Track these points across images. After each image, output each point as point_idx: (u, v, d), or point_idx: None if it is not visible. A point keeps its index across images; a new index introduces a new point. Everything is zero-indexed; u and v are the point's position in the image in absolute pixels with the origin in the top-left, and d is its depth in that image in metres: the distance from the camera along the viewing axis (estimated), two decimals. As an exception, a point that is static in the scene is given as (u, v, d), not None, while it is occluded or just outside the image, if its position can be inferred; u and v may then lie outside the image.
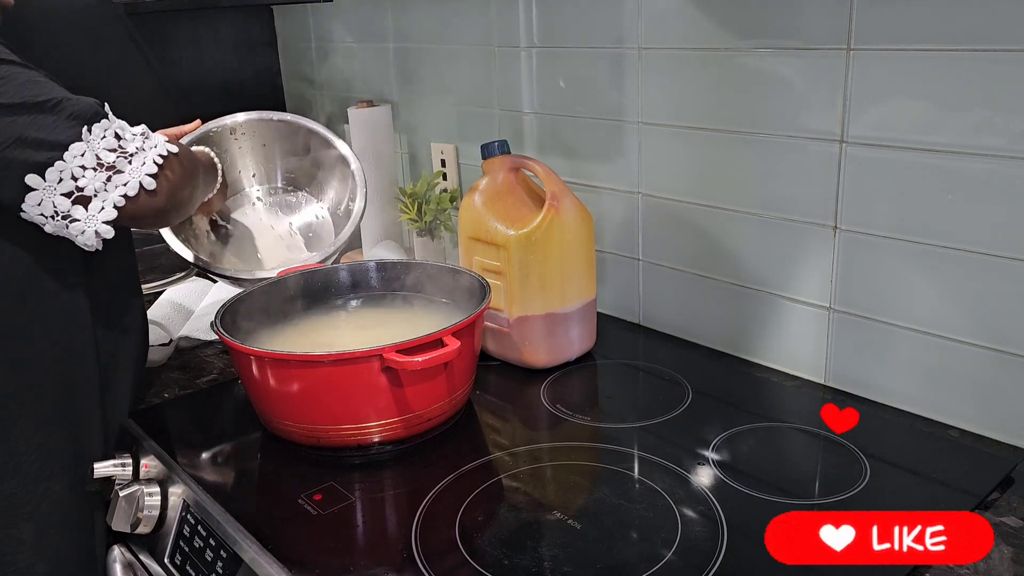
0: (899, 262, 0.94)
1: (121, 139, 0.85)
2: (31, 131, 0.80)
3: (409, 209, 1.45)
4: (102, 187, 0.83)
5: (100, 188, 0.83)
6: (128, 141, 0.86)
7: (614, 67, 1.19)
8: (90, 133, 0.83)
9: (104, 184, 0.83)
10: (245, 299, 1.04)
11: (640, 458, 0.91)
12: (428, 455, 0.94)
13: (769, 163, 1.04)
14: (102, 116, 0.85)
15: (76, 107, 0.83)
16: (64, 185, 0.82)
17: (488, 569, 0.74)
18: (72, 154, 0.82)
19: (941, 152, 0.88)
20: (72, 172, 0.82)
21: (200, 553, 0.85)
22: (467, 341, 0.94)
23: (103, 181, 0.83)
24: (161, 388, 1.13)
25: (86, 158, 0.82)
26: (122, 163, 0.84)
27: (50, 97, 0.82)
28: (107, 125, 0.84)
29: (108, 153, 0.84)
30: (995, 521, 0.78)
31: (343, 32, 1.73)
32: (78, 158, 0.82)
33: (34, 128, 0.81)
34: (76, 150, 0.82)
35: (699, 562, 0.73)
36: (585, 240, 1.10)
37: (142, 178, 0.85)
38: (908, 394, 0.98)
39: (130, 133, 0.86)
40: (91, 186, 0.83)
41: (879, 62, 0.91)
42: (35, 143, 0.81)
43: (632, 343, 1.23)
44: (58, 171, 0.81)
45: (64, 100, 0.83)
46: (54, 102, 0.82)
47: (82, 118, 0.83)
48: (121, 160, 0.84)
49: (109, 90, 1.70)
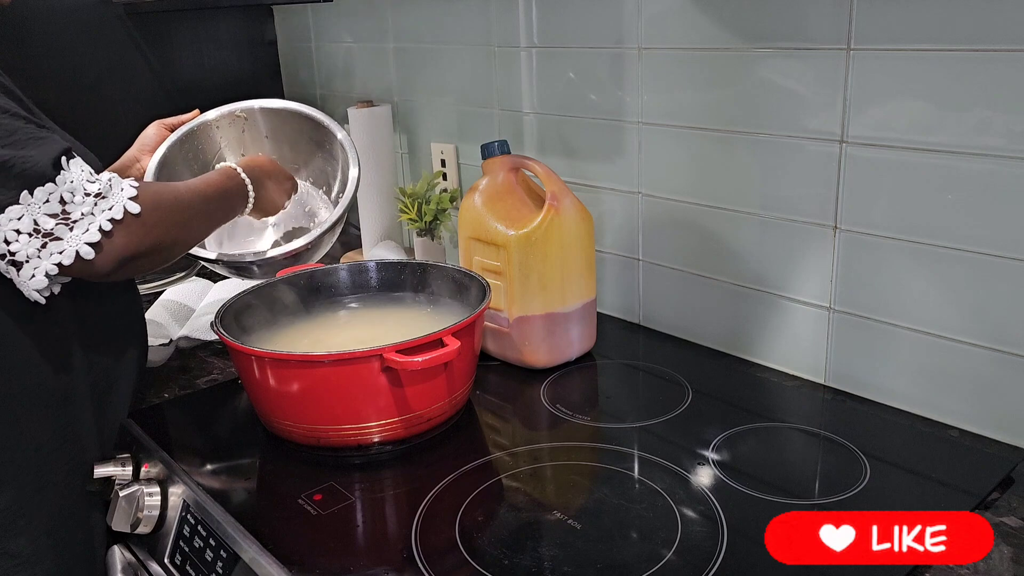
0: (899, 262, 0.94)
1: (67, 203, 0.80)
2: None
3: (409, 209, 1.45)
4: (35, 254, 0.80)
5: (33, 255, 0.80)
6: (76, 205, 0.81)
7: (614, 67, 1.19)
8: (31, 196, 0.79)
9: (38, 251, 0.80)
10: (245, 299, 1.04)
11: (640, 458, 0.91)
12: (428, 455, 0.94)
13: (769, 163, 1.04)
14: (48, 179, 0.80)
15: (24, 166, 0.79)
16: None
17: (488, 569, 0.74)
18: (8, 217, 0.78)
19: (941, 152, 0.88)
20: (4, 236, 0.79)
21: (200, 553, 0.85)
22: (467, 341, 0.94)
23: (37, 248, 0.80)
24: (161, 388, 1.13)
25: (22, 222, 0.79)
26: (61, 230, 0.80)
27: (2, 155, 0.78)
28: (52, 189, 0.80)
29: (47, 219, 0.80)
30: (995, 521, 0.78)
31: (343, 32, 1.73)
32: (13, 221, 0.79)
33: None
34: (12, 213, 0.78)
35: (699, 562, 0.73)
36: (585, 240, 1.10)
37: (79, 247, 0.81)
38: (908, 394, 0.98)
39: (82, 195, 0.81)
40: (23, 251, 0.80)
41: (879, 62, 0.91)
42: None
43: (632, 343, 1.23)
44: None
45: (14, 158, 0.78)
46: (4, 158, 0.78)
47: (27, 179, 0.79)
48: (61, 227, 0.80)
49: (109, 90, 1.71)
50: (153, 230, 0.87)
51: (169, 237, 0.90)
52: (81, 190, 0.82)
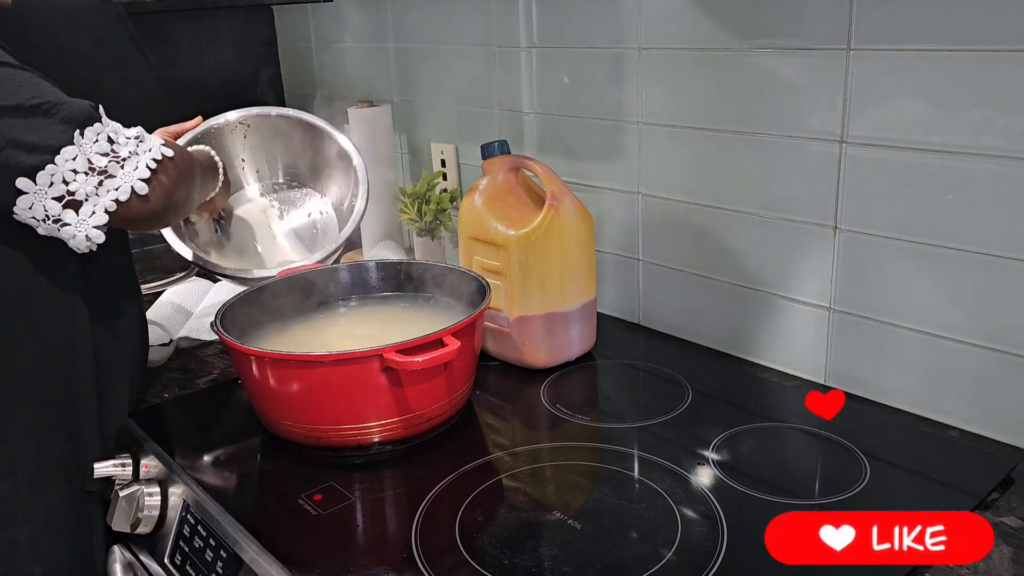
0: (899, 262, 0.94)
1: (114, 143, 0.84)
2: (23, 134, 0.80)
3: (409, 209, 1.45)
4: (93, 191, 0.83)
5: (91, 192, 0.83)
6: (121, 145, 0.85)
7: (614, 67, 1.19)
8: (82, 137, 0.82)
9: (95, 188, 0.83)
10: (245, 299, 1.04)
11: (640, 458, 0.91)
12: (428, 455, 0.94)
13: (769, 163, 1.04)
14: (95, 120, 0.84)
15: (70, 111, 0.83)
16: (55, 189, 0.81)
17: (488, 569, 0.74)
18: (64, 158, 0.81)
19: (941, 152, 0.88)
20: (63, 176, 0.81)
21: (200, 553, 0.85)
22: (467, 341, 0.94)
23: (95, 185, 0.83)
24: (161, 388, 1.13)
25: (78, 162, 0.82)
26: (114, 167, 0.84)
27: (44, 100, 0.81)
28: (100, 129, 0.84)
29: (100, 157, 0.83)
30: (995, 521, 0.78)
31: (343, 32, 1.73)
32: (70, 162, 0.81)
33: (26, 131, 0.80)
34: (68, 154, 0.81)
35: (699, 562, 0.73)
36: (585, 240, 1.10)
37: (134, 183, 0.84)
38: (908, 394, 0.98)
39: (124, 137, 0.86)
40: (82, 190, 0.82)
41: (879, 62, 0.91)
42: (26, 146, 0.80)
43: (632, 343, 1.23)
44: (49, 175, 0.81)
45: (58, 104, 0.82)
46: (48, 105, 0.81)
47: (75, 122, 0.82)
48: (113, 164, 0.84)
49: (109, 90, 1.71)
50: (182, 175, 0.92)
51: (191, 186, 0.97)
52: (122, 132, 0.86)
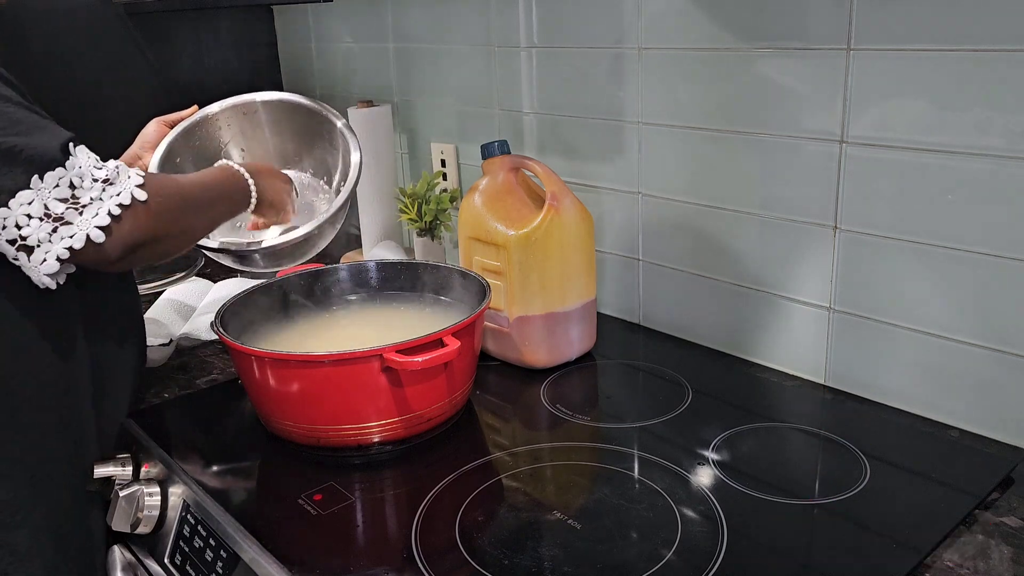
0: (899, 262, 0.94)
1: (76, 188, 0.82)
2: None
3: (409, 209, 1.45)
4: (46, 238, 0.81)
5: (44, 239, 0.81)
6: (84, 190, 0.82)
7: (614, 67, 1.19)
8: (41, 181, 0.80)
9: (48, 235, 0.80)
10: (245, 299, 1.05)
11: (640, 458, 0.91)
12: (428, 455, 0.94)
13: (769, 163, 1.04)
14: (59, 164, 0.81)
15: (34, 152, 0.80)
16: (8, 232, 0.80)
17: (488, 569, 0.74)
18: (19, 202, 0.80)
19: (941, 152, 0.88)
20: (16, 220, 0.80)
21: (200, 553, 0.85)
22: (467, 341, 0.94)
23: (48, 232, 0.80)
24: (161, 388, 1.13)
25: (33, 207, 0.80)
26: (72, 214, 0.81)
27: (6, 141, 0.80)
28: (63, 174, 0.81)
29: (58, 203, 0.81)
30: (995, 521, 0.78)
31: (343, 32, 1.73)
32: (24, 206, 0.80)
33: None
34: (23, 198, 0.80)
35: (699, 562, 0.73)
36: (585, 240, 1.10)
37: (90, 231, 0.82)
38: (908, 394, 0.98)
39: (90, 180, 0.82)
40: (35, 236, 0.80)
41: (879, 62, 0.91)
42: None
43: (632, 343, 1.23)
44: (2, 218, 0.79)
45: (22, 144, 0.80)
46: (9, 147, 0.79)
47: (36, 164, 0.80)
48: (71, 211, 0.81)
49: (109, 90, 1.71)
50: (159, 217, 0.87)
51: (175, 226, 0.91)
52: (89, 175, 0.83)
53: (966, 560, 0.73)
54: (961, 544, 0.75)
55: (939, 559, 0.73)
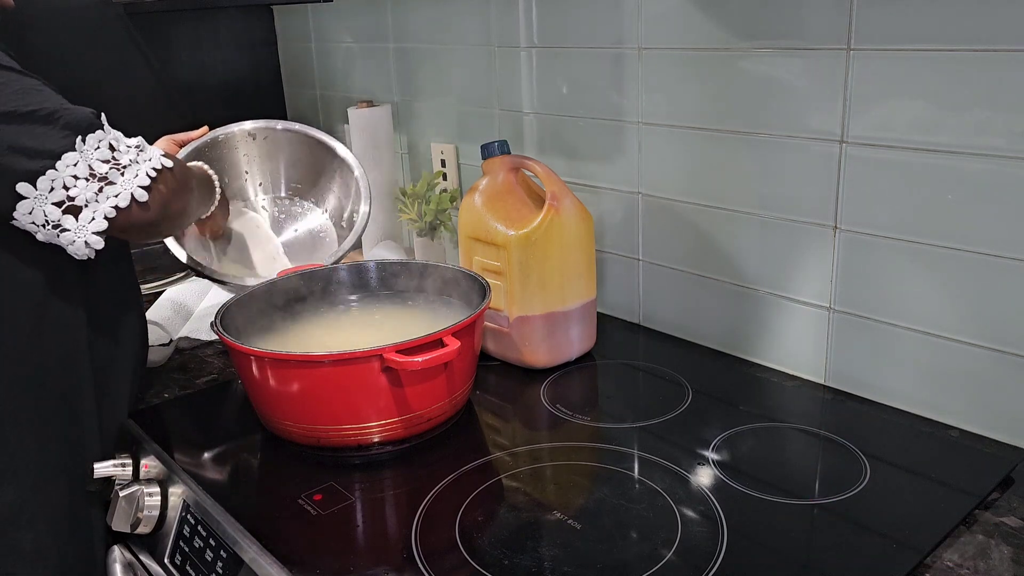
0: (899, 262, 0.94)
1: (115, 150, 0.85)
2: (24, 139, 0.80)
3: (409, 209, 1.45)
4: (93, 197, 0.83)
5: (91, 198, 0.83)
6: (122, 153, 0.85)
7: (614, 67, 1.19)
8: (84, 143, 0.83)
9: (96, 195, 0.83)
10: (245, 299, 1.05)
11: (640, 458, 0.91)
12: (428, 455, 0.94)
13: (769, 163, 1.04)
14: (97, 127, 0.84)
15: (71, 117, 0.83)
16: (55, 194, 0.81)
17: (488, 569, 0.74)
18: (64, 163, 0.81)
19: (941, 152, 0.88)
20: (64, 182, 0.82)
21: (200, 553, 0.85)
22: (467, 341, 0.94)
23: (95, 192, 0.83)
24: (161, 388, 1.13)
25: (78, 168, 0.82)
26: (114, 174, 0.84)
27: (45, 107, 0.82)
28: (102, 136, 0.84)
29: (101, 164, 0.83)
30: (995, 521, 0.78)
31: (343, 32, 1.73)
32: (70, 168, 0.82)
33: (27, 137, 0.80)
34: (69, 160, 0.82)
35: (699, 562, 0.73)
36: (585, 240, 1.10)
37: (134, 190, 0.85)
38: (908, 394, 0.98)
39: (125, 145, 0.86)
40: (82, 196, 0.82)
41: (879, 62, 0.91)
42: (28, 152, 0.80)
43: (632, 343, 1.23)
44: (50, 180, 0.81)
45: (60, 110, 0.82)
46: (48, 111, 0.82)
47: (77, 128, 0.83)
48: (114, 171, 0.84)
49: (109, 90, 1.71)
50: (180, 186, 0.92)
51: (188, 197, 0.97)
52: (122, 140, 0.87)
53: (966, 560, 0.73)
54: (961, 544, 0.75)
55: (939, 559, 0.74)
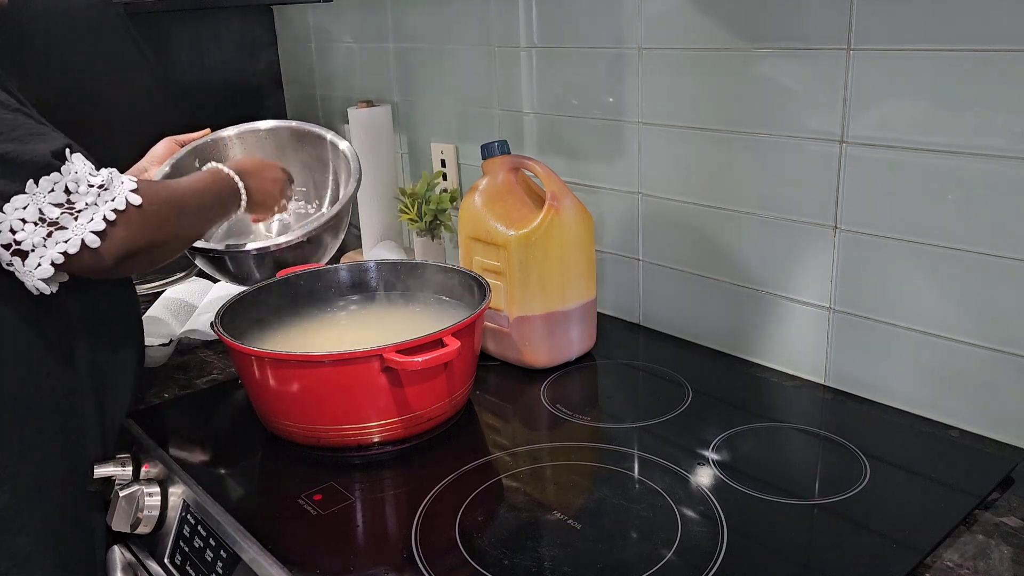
0: (899, 262, 0.94)
1: (72, 193, 0.81)
2: None
3: (409, 209, 1.45)
4: (41, 243, 0.81)
5: (39, 243, 0.81)
6: (80, 195, 0.82)
7: (614, 67, 1.19)
8: (36, 186, 0.80)
9: (43, 240, 0.80)
10: (245, 299, 1.05)
11: (640, 458, 0.91)
12: (428, 455, 0.94)
13: (769, 163, 1.04)
14: (54, 168, 0.81)
15: (29, 156, 0.80)
16: (2, 237, 0.80)
17: (488, 569, 0.74)
18: (13, 207, 0.79)
19: (941, 152, 0.88)
20: (11, 225, 0.79)
21: (200, 553, 0.85)
22: (467, 341, 0.94)
23: (42, 236, 0.80)
24: (161, 388, 1.13)
25: (27, 212, 0.80)
26: (67, 219, 0.81)
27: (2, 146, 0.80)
28: (57, 179, 0.81)
29: (53, 208, 0.80)
30: (995, 521, 0.78)
31: (343, 32, 1.73)
32: (19, 211, 0.80)
33: None
34: (18, 203, 0.79)
35: (699, 562, 0.73)
36: (585, 240, 1.10)
37: (85, 235, 0.81)
38: (908, 394, 0.98)
39: (85, 185, 0.82)
40: (29, 241, 0.80)
41: (879, 62, 0.91)
42: None
43: (632, 343, 1.23)
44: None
45: (17, 151, 0.80)
46: (2, 153, 0.79)
47: (32, 169, 0.80)
48: (66, 216, 0.81)
49: (109, 90, 1.71)
50: (153, 223, 0.88)
51: (168, 231, 0.91)
52: (85, 181, 0.83)
53: (966, 560, 0.73)
54: (961, 544, 0.75)
55: (939, 559, 0.74)
